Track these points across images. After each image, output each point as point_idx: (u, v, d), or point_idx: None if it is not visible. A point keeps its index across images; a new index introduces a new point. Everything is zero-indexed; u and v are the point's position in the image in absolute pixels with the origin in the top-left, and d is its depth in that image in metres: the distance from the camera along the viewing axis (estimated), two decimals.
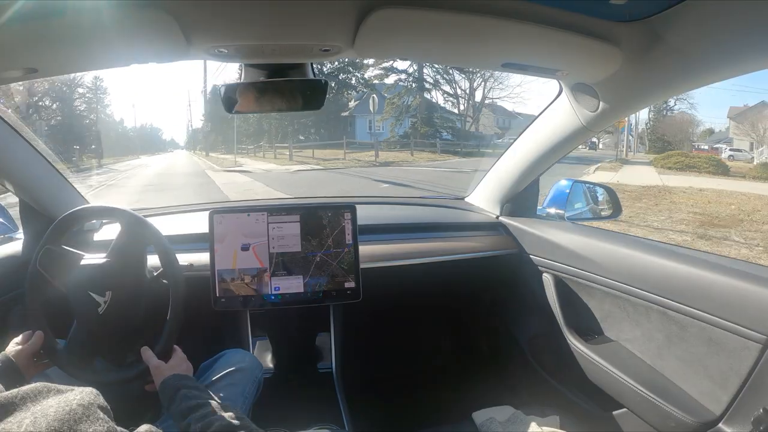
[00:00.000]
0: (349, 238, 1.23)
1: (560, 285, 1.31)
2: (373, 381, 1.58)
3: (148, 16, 0.63)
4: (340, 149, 18.35)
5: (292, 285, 1.20)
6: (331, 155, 18.54)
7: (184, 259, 1.06)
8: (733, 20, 0.64)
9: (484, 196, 1.63)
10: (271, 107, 0.92)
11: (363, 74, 25.45)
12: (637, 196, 8.59)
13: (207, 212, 1.19)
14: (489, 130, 27.61)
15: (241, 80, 0.87)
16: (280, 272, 1.20)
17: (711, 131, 26.25)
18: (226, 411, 0.70)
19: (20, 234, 1.27)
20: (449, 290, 1.63)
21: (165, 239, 0.97)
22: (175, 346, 0.93)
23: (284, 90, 0.89)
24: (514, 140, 1.39)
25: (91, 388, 0.53)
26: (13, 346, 0.85)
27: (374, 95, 20.27)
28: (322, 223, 1.22)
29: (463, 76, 25.71)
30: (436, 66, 23.65)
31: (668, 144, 23.47)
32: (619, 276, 1.10)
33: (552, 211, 1.52)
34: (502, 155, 1.48)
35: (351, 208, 1.25)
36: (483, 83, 26.23)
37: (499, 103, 28.59)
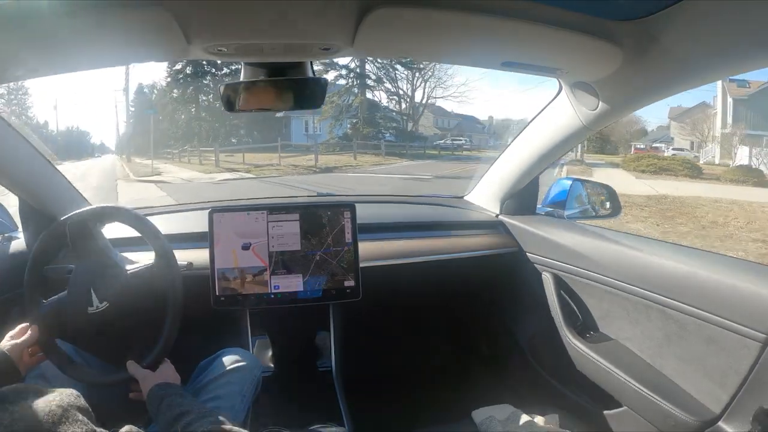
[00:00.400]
0: (348, 237, 1.23)
1: (560, 283, 1.31)
2: (373, 380, 1.58)
3: (148, 16, 0.63)
4: (274, 152, 16.30)
5: (292, 284, 1.20)
6: (264, 160, 16.10)
7: (183, 257, 1.06)
8: (726, 21, 0.65)
9: (484, 195, 1.63)
10: (270, 106, 0.92)
11: None
12: (663, 213, 7.58)
13: (207, 211, 1.19)
14: (429, 130, 26.05)
15: (241, 79, 0.87)
16: (279, 271, 1.20)
17: (645, 131, 26.46)
18: (210, 417, 0.69)
19: (20, 234, 1.26)
20: (449, 289, 1.63)
21: (167, 243, 0.97)
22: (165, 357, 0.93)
23: (284, 89, 0.89)
24: (455, 141, 1.38)
25: (71, 390, 0.53)
26: (8, 339, 0.85)
27: None
28: (322, 222, 1.22)
29: (406, 73, 23.86)
30: (380, 61, 21.84)
31: (608, 144, 23.43)
32: (619, 274, 1.10)
33: (551, 209, 1.52)
34: (501, 154, 1.48)
35: (350, 206, 1.25)
36: (423, 83, 24.32)
37: (442, 103, 27.12)
